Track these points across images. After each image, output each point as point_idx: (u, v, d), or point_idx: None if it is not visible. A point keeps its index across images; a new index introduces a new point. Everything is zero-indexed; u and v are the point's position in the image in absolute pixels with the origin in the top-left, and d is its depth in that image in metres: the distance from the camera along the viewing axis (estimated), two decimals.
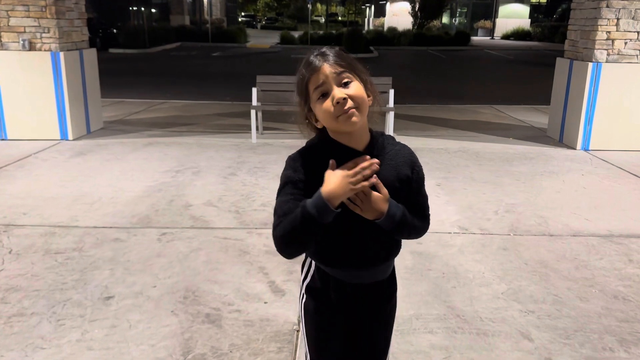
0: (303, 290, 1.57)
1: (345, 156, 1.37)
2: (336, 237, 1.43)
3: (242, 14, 58.94)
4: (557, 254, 3.55)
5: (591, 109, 6.53)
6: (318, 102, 1.36)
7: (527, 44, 32.54)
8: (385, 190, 1.38)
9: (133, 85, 12.22)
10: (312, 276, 1.54)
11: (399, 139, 1.31)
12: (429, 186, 4.96)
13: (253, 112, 6.79)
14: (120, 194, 4.68)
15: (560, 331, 2.65)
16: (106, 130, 7.38)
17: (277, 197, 1.43)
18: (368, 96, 1.41)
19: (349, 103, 1.34)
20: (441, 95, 11.47)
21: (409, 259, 3.40)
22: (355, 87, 1.36)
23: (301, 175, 1.40)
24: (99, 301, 2.86)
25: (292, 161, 1.44)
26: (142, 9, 28.59)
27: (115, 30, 25.11)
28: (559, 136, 7.05)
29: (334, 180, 1.30)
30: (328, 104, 1.34)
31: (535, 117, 8.72)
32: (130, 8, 30.13)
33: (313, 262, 1.54)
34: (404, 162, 1.47)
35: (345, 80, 1.36)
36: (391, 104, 6.83)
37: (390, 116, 6.76)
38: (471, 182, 5.16)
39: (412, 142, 6.79)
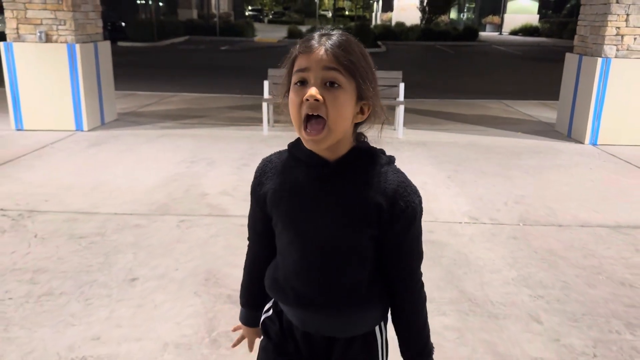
0: (260, 324, 1.38)
1: (310, 166, 1.18)
2: (288, 268, 1.22)
3: (249, 7, 58.97)
4: (566, 243, 3.65)
5: (600, 104, 6.59)
6: (293, 87, 1.13)
7: (536, 39, 32.42)
8: None
9: (143, 78, 12.32)
10: (270, 312, 1.34)
11: (409, 133, 1.31)
12: (440, 179, 5.08)
13: (265, 104, 6.89)
14: (137, 183, 4.79)
15: (569, 314, 2.75)
16: (120, 121, 7.50)
17: None
18: (362, 112, 1.15)
19: (320, 109, 1.09)
20: (450, 90, 11.53)
21: None
22: (340, 97, 1.09)
23: (261, 184, 1.26)
24: (124, 283, 2.98)
25: (258, 167, 1.29)
26: (150, 2, 28.70)
27: (123, 24, 25.22)
28: (568, 131, 7.11)
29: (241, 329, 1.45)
30: (300, 94, 1.10)
31: (543, 112, 8.78)
32: (138, 1, 30.25)
33: (271, 301, 1.36)
34: (380, 190, 1.15)
35: (333, 81, 1.09)
36: (401, 97, 6.92)
37: (401, 109, 6.84)
38: (481, 175, 5.24)
39: (422, 135, 6.90)
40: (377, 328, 1.27)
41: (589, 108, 6.62)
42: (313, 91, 1.08)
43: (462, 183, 4.96)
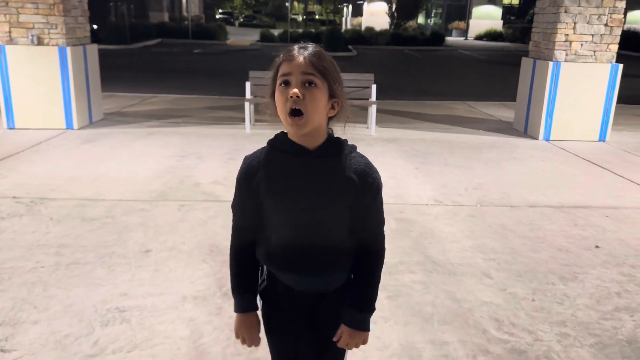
0: (258, 295, 1.63)
1: (295, 155, 1.46)
2: (282, 241, 1.50)
3: (220, 10, 59.10)
4: (516, 220, 4.26)
5: (552, 103, 7.29)
6: (279, 88, 1.41)
7: (499, 44, 33.67)
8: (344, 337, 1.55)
9: (121, 80, 12.56)
10: (265, 282, 1.61)
11: (381, 130, 1.67)
12: (409, 170, 5.69)
13: (247, 104, 7.38)
14: (134, 174, 5.23)
15: (515, 272, 3.34)
16: (106, 121, 7.87)
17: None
18: (333, 107, 1.45)
19: (300, 104, 1.38)
20: (418, 92, 12.20)
21: (393, 224, 4.06)
22: (316, 94, 1.39)
23: (252, 176, 1.49)
24: (140, 254, 3.45)
25: (243, 162, 1.54)
26: (120, 4, 28.78)
27: (95, 26, 25.26)
28: (524, 128, 7.81)
29: (239, 326, 1.57)
30: (284, 93, 1.39)
31: (503, 112, 9.49)
32: (110, 4, 30.27)
33: (265, 268, 1.61)
34: (352, 169, 1.47)
35: (311, 81, 1.39)
36: (373, 97, 7.50)
37: (373, 109, 7.42)
38: (445, 166, 5.85)
39: (392, 133, 7.49)
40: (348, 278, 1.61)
41: (542, 107, 7.31)
42: (295, 90, 1.38)
43: (428, 173, 5.55)
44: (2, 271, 3.17)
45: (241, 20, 55.21)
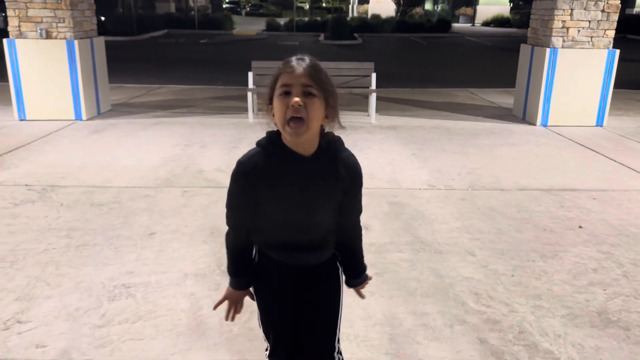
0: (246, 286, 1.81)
1: (290, 161, 1.58)
2: (279, 233, 1.69)
3: (227, 0, 59.07)
4: (505, 202, 4.43)
5: (549, 89, 7.41)
6: (279, 97, 1.51)
7: (506, 30, 33.46)
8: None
9: (127, 71, 12.78)
10: (256, 263, 1.77)
11: (381, 118, 1.77)
12: (406, 156, 5.88)
13: (250, 94, 7.57)
14: (140, 162, 5.45)
15: (498, 250, 3.53)
16: (114, 111, 8.10)
17: (228, 191, 1.73)
18: (326, 117, 1.56)
19: (301, 112, 1.49)
20: (421, 80, 12.30)
21: (385, 207, 4.25)
22: (315, 103, 1.50)
23: (253, 179, 1.61)
24: (145, 236, 3.67)
25: (240, 166, 1.65)
26: None
27: (102, 18, 25.48)
28: (522, 114, 7.93)
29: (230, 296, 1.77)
30: (284, 102, 1.49)
31: (504, 98, 9.60)
32: None
33: (255, 250, 1.78)
34: (342, 167, 1.63)
35: (310, 92, 1.50)
36: (373, 85, 7.65)
37: (373, 97, 7.57)
38: (441, 152, 6.01)
39: (392, 120, 7.65)
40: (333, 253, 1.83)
41: (540, 93, 7.44)
42: (297, 99, 1.49)
43: (424, 159, 5.72)
44: (17, 252, 3.41)
45: (248, 9, 55.18)
